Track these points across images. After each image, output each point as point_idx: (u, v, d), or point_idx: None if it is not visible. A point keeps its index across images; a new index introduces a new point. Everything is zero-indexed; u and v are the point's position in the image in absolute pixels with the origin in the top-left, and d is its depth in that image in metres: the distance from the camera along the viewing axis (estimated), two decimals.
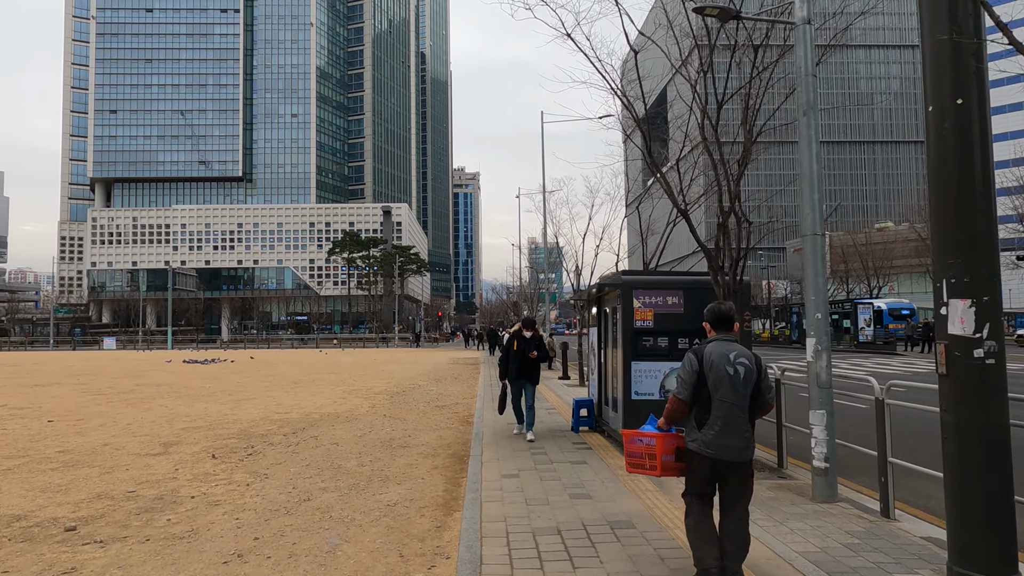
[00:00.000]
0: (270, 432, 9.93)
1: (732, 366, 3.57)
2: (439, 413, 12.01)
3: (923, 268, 54.64)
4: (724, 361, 3.57)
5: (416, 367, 26.30)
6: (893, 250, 62.05)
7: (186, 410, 12.66)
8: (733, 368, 3.56)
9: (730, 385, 3.54)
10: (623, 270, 7.82)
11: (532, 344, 8.82)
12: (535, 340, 8.89)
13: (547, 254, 29.47)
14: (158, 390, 16.74)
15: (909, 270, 63.92)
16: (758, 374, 3.62)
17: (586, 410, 9.56)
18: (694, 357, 3.66)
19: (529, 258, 39.56)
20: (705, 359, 3.61)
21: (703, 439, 3.55)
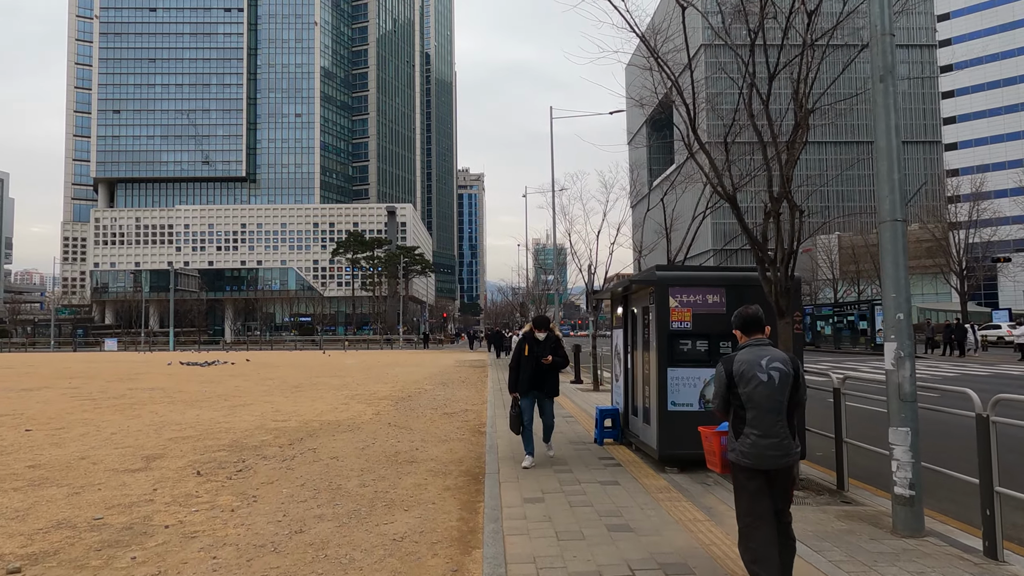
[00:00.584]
0: (264, 443, 9.10)
1: (765, 372, 3.47)
2: (448, 422, 11.16)
3: (937, 268, 53.56)
4: (756, 368, 3.48)
5: (421, 370, 25.48)
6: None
7: (177, 417, 11.85)
8: (767, 374, 3.47)
9: (765, 392, 3.44)
10: (658, 265, 6.96)
11: (547, 347, 7.29)
12: (551, 342, 7.34)
13: (556, 254, 28.62)
14: (151, 395, 15.95)
15: (922, 271, 62.80)
16: (795, 378, 3.53)
17: (610, 420, 8.69)
18: (722, 368, 3.61)
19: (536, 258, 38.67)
20: (735, 368, 3.53)
21: (740, 448, 3.49)
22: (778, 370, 3.48)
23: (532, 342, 7.29)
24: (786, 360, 3.55)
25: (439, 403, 13.89)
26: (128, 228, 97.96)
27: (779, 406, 3.46)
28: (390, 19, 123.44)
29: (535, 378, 7.24)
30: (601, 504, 5.62)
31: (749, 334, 3.68)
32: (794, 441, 3.52)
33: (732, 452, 3.55)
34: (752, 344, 3.62)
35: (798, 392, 3.55)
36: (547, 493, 6.01)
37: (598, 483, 6.41)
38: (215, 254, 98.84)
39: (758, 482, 3.47)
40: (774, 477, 3.49)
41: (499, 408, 12.79)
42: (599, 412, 8.69)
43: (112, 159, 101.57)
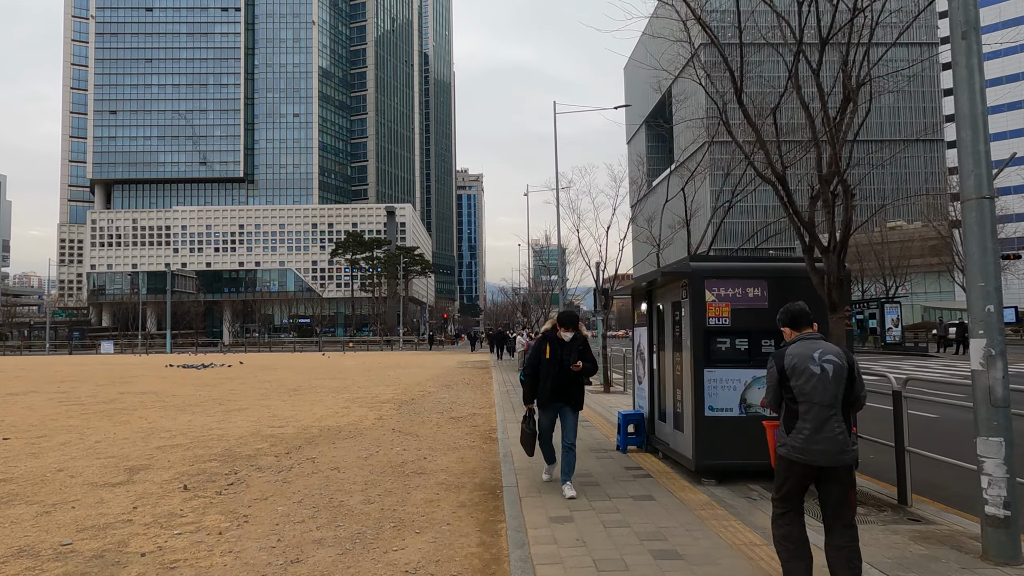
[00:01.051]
0: (259, 452, 8.42)
1: (818, 365, 3.40)
2: (456, 427, 10.48)
3: (942, 267, 52.93)
4: (808, 361, 3.42)
5: (423, 371, 24.80)
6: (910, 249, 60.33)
7: (167, 423, 11.16)
8: (819, 367, 3.40)
9: (818, 385, 3.38)
10: (692, 255, 6.29)
11: (574, 350, 5.92)
12: (578, 344, 5.97)
13: (560, 253, 27.95)
14: (142, 399, 15.26)
15: (927, 269, 62.24)
16: (849, 370, 3.44)
17: (634, 426, 8.02)
18: (772, 362, 3.55)
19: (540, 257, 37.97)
20: (786, 361, 3.47)
21: (792, 444, 3.41)
22: (831, 363, 3.40)
23: (555, 343, 5.96)
24: (840, 353, 3.47)
25: (445, 407, 13.22)
26: (125, 230, 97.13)
27: (833, 400, 3.37)
28: (388, 18, 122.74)
29: (558, 387, 5.93)
30: (639, 524, 4.95)
31: (798, 329, 3.61)
32: (850, 438, 3.40)
33: (783, 447, 3.46)
34: (803, 338, 3.55)
35: (854, 387, 3.45)
36: (576, 511, 5.34)
37: (630, 498, 5.74)
38: (213, 255, 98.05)
39: (801, 476, 3.41)
40: (830, 476, 3.38)
41: (508, 411, 12.14)
42: (622, 417, 8.02)
43: (109, 160, 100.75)
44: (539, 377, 5.98)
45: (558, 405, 6.04)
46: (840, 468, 3.36)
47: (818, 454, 3.33)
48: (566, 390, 5.98)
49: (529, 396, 6.08)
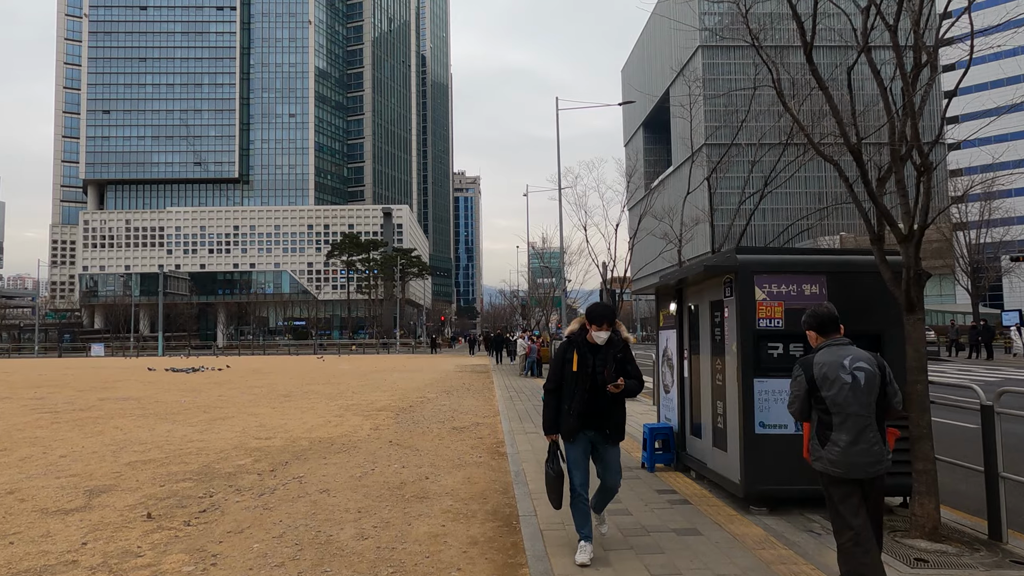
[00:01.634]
0: (240, 469, 7.52)
1: (849, 373, 3.28)
2: (459, 439, 9.59)
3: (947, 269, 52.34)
4: (839, 369, 3.28)
5: (421, 376, 23.89)
6: None
7: (143, 435, 10.24)
8: (851, 375, 3.27)
9: (851, 394, 3.25)
10: (738, 247, 5.40)
11: (610, 359, 4.29)
12: (616, 350, 4.34)
13: (562, 253, 27.11)
14: (123, 406, 14.32)
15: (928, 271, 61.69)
16: (882, 377, 3.33)
17: (661, 441, 7.15)
18: (799, 370, 3.40)
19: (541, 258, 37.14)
20: (816, 369, 3.32)
21: (828, 457, 3.27)
22: (863, 370, 3.29)
23: (584, 349, 4.32)
24: (870, 359, 3.34)
25: (445, 415, 12.33)
26: (118, 231, 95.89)
27: (867, 409, 3.25)
28: (385, 19, 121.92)
29: (591, 410, 4.25)
30: (692, 571, 4.07)
31: (826, 335, 3.47)
32: (884, 447, 3.31)
33: (819, 461, 3.34)
34: (831, 344, 3.41)
35: (887, 393, 3.34)
36: (611, 550, 4.46)
37: (672, 532, 4.86)
38: (207, 257, 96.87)
39: (848, 491, 3.26)
40: (866, 490, 3.28)
41: (515, 421, 11.26)
42: (648, 431, 7.14)
43: (102, 160, 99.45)
44: (563, 397, 4.32)
45: (591, 435, 4.32)
46: (875, 479, 3.27)
47: (855, 466, 3.21)
48: (602, 414, 4.27)
49: (551, 424, 4.37)
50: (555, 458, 4.40)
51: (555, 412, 4.39)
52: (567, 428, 4.33)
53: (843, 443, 3.23)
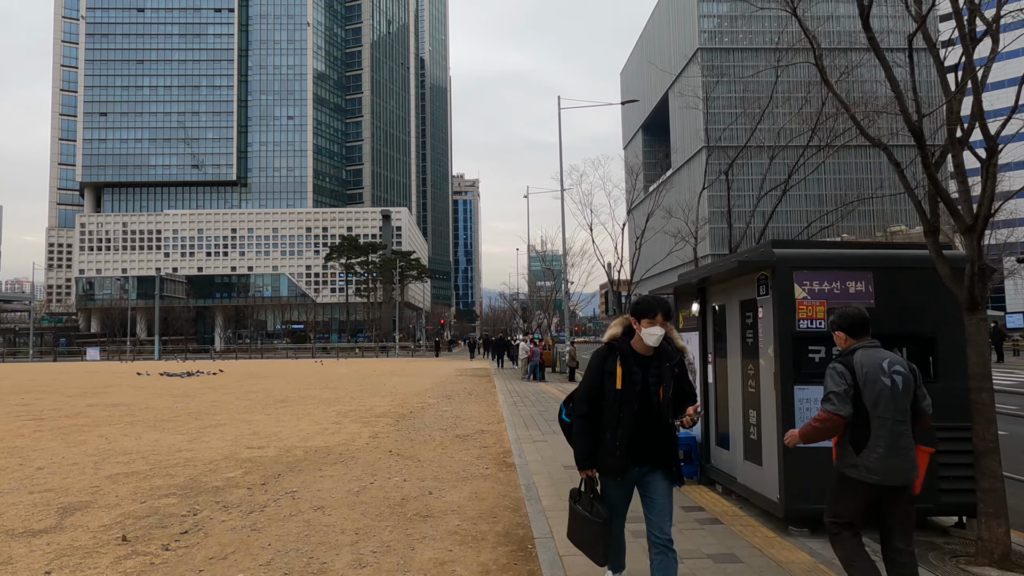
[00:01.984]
0: (230, 483, 6.99)
1: (888, 376, 3.16)
2: (463, 448, 9.07)
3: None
4: (879, 371, 3.16)
5: (421, 380, 23.36)
6: None
7: (130, 444, 9.70)
8: (890, 378, 3.16)
9: (890, 398, 3.14)
10: (773, 240, 4.90)
11: (665, 373, 3.30)
12: (671, 361, 3.35)
13: (564, 256, 26.62)
14: (111, 413, 13.77)
15: None
16: (915, 381, 3.24)
17: (683, 452, 6.62)
18: (844, 368, 3.21)
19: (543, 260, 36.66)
20: (858, 370, 3.17)
21: (865, 464, 3.14)
22: (900, 373, 3.20)
23: (630, 359, 3.31)
24: (904, 363, 3.26)
25: (448, 422, 11.80)
26: (115, 233, 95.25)
27: (903, 413, 3.18)
28: (384, 21, 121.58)
29: (641, 439, 3.28)
30: None
31: (857, 337, 3.34)
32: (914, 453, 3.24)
33: (854, 468, 3.21)
34: (864, 346, 3.29)
35: (918, 400, 3.25)
36: None
37: (708, 559, 4.33)
38: (205, 260, 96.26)
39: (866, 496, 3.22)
40: (896, 497, 3.20)
41: (520, 428, 10.74)
42: None
43: (99, 163, 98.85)
44: (602, 421, 3.31)
45: (641, 472, 3.31)
46: (907, 487, 3.19)
47: (893, 472, 3.12)
48: (656, 444, 3.28)
49: (586, 455, 3.35)
50: (590, 500, 3.35)
51: (592, 441, 3.36)
52: (613, 464, 3.27)
53: (881, 449, 3.12)
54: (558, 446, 8.94)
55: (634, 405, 3.25)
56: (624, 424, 3.26)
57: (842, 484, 3.27)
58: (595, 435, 3.36)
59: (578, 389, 3.48)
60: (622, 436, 3.26)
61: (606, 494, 3.40)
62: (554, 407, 14.00)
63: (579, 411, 3.42)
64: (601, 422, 3.34)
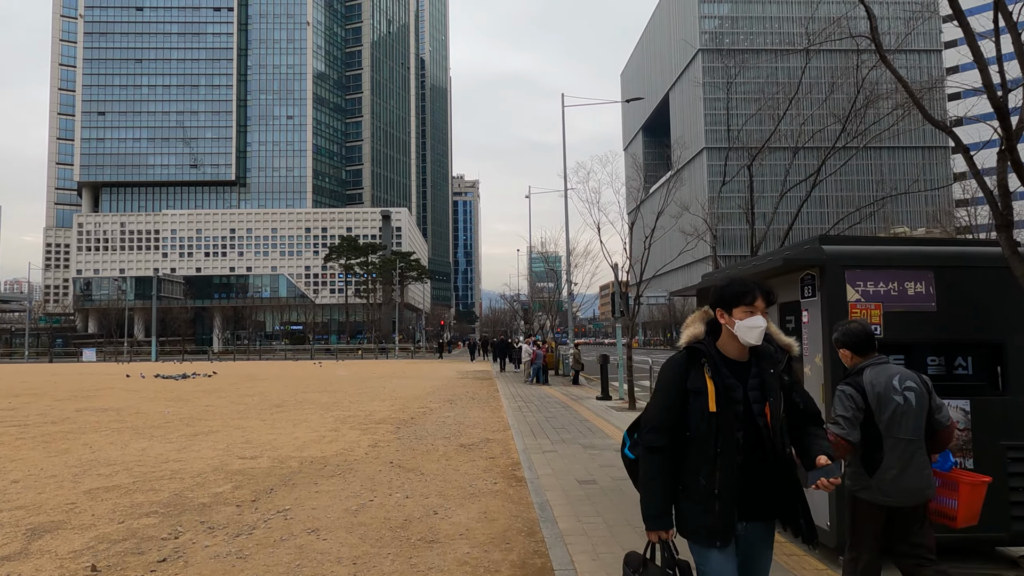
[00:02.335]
0: (218, 499, 6.45)
1: (900, 394, 3.04)
2: (468, 459, 8.53)
3: None
4: (890, 390, 3.05)
5: (422, 383, 22.82)
6: None
7: (115, 453, 9.16)
8: (902, 396, 3.04)
9: (903, 417, 3.02)
10: (821, 235, 4.38)
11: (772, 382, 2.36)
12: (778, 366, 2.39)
13: (568, 256, 26.08)
14: (99, 419, 13.23)
15: None
16: (929, 398, 3.09)
17: None
18: (853, 389, 3.11)
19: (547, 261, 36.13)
20: (868, 390, 3.07)
21: (878, 486, 3.03)
22: (912, 390, 3.07)
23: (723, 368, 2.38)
24: (916, 378, 3.12)
25: (451, 429, 11.26)
26: (113, 233, 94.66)
27: (917, 431, 3.04)
28: (384, 20, 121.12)
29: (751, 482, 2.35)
30: None
31: (863, 354, 3.21)
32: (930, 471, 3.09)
33: (865, 491, 3.08)
34: (874, 364, 3.14)
35: (933, 411, 3.09)
36: None
37: None
38: (203, 260, 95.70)
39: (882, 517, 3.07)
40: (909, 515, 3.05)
41: (528, 436, 10.21)
42: None
43: (97, 162, 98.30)
44: (687, 460, 2.38)
45: (751, 530, 2.39)
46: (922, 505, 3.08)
47: (907, 493, 3.02)
48: (770, 489, 2.37)
49: (662, 508, 2.39)
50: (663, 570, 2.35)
51: (671, 486, 2.38)
52: (712, 524, 2.29)
53: (895, 471, 3.00)
54: (569, 457, 8.42)
55: (738, 434, 2.31)
56: (726, 462, 2.28)
57: (856, 507, 3.15)
58: (675, 478, 2.38)
59: (646, 412, 2.48)
60: (724, 480, 2.28)
61: (700, 570, 2.34)
62: (559, 412, 13.49)
63: (652, 442, 2.38)
64: (686, 461, 2.37)
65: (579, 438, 10.05)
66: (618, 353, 17.81)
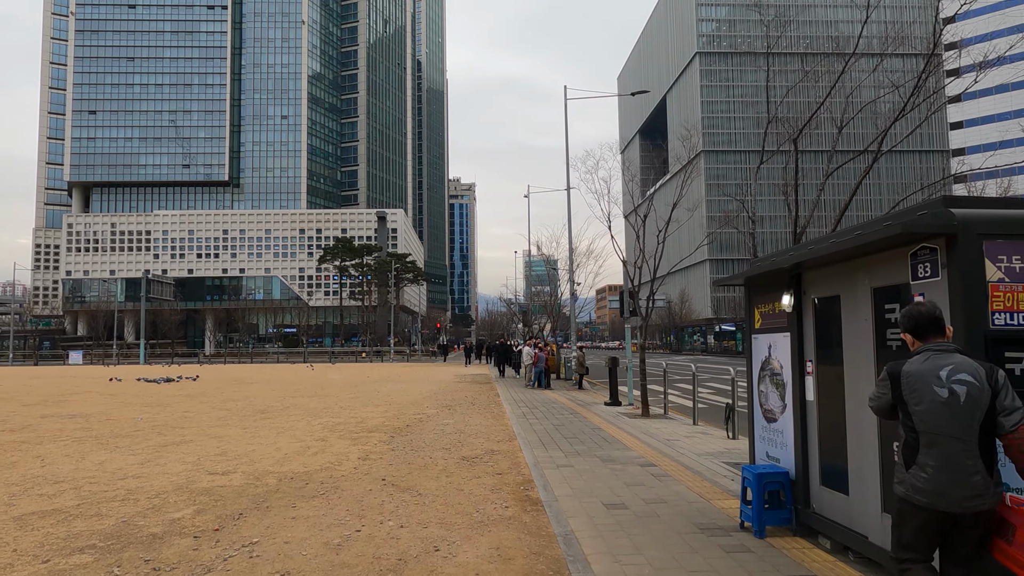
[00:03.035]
0: (173, 528, 5.34)
1: (945, 386, 2.73)
2: (472, 474, 7.44)
3: None
4: (932, 381, 2.76)
5: (418, 387, 21.71)
6: None
7: (67, 468, 8.03)
8: (947, 389, 2.72)
9: (944, 412, 2.71)
10: (945, 196, 3.29)
11: None
12: None
13: (571, 255, 25.05)
14: (64, 426, 12.07)
15: None
16: (992, 393, 2.70)
17: (769, 493, 5.01)
18: (886, 374, 2.94)
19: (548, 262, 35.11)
20: (903, 380, 2.84)
21: (912, 482, 2.79)
22: (964, 383, 2.71)
23: None
24: (977, 371, 2.74)
25: (451, 438, 10.16)
26: (103, 234, 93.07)
27: (966, 431, 2.69)
28: (380, 20, 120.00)
29: None
30: None
31: (923, 339, 2.90)
32: (991, 478, 2.71)
33: (900, 485, 2.86)
34: (929, 350, 2.84)
35: (999, 411, 2.69)
36: None
37: None
38: (195, 261, 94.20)
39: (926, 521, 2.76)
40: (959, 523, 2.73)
41: (537, 447, 9.13)
42: (753, 476, 5.01)
43: (87, 162, 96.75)
44: None
45: None
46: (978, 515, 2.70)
47: (945, 497, 2.68)
48: None
49: None
50: None
51: None
52: None
53: (931, 469, 2.73)
54: (588, 473, 7.34)
55: None
56: None
57: (898, 505, 2.93)
58: None
59: None
60: None
61: None
62: (567, 419, 12.42)
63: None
64: None
65: (595, 449, 8.98)
66: (627, 356, 16.77)
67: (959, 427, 2.71)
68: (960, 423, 2.71)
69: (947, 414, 2.72)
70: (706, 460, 8.14)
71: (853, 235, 4.08)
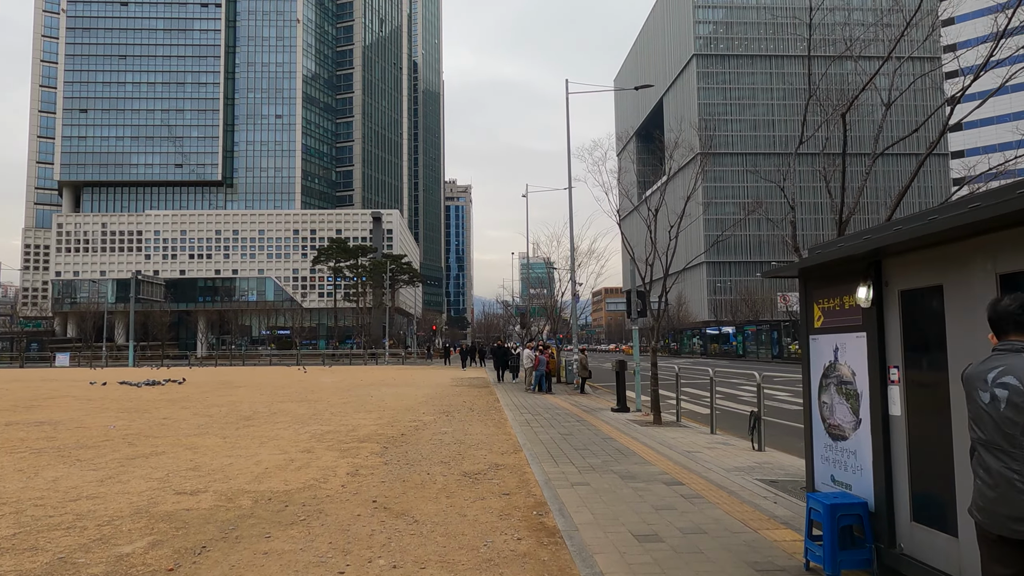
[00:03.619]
0: (118, 567, 4.42)
1: (988, 390, 2.42)
2: (475, 494, 6.52)
3: None
4: (978, 383, 2.47)
5: (414, 391, 20.77)
6: None
7: (15, 486, 7.08)
8: (989, 393, 2.41)
9: (986, 418, 2.41)
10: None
11: None
12: None
13: (573, 255, 24.19)
14: (27, 435, 11.10)
15: None
16: None
17: (843, 526, 4.12)
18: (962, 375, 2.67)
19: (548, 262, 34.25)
20: (963, 383, 2.60)
21: (975, 500, 2.49)
22: (1007, 387, 2.36)
23: None
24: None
25: (450, 449, 9.25)
26: (94, 234, 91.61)
27: (1009, 440, 2.33)
28: (376, 19, 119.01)
29: None
30: None
31: (1001, 336, 2.51)
32: None
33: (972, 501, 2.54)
34: (996, 350, 2.49)
35: None
36: None
37: None
38: (188, 262, 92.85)
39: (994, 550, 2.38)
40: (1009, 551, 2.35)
41: (546, 461, 8.23)
42: (824, 508, 4.11)
43: (78, 161, 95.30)
44: None
45: None
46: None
47: (994, 518, 2.36)
48: None
49: None
50: None
51: None
52: None
53: (980, 482, 2.43)
54: (608, 493, 6.44)
55: None
56: None
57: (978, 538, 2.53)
58: None
59: None
60: None
61: None
62: (575, 427, 11.52)
63: None
64: None
65: (611, 464, 8.08)
66: (635, 359, 15.92)
67: (1001, 436, 2.39)
68: (1001, 432, 2.38)
69: (990, 421, 2.43)
70: (737, 477, 7.26)
71: (968, 208, 3.20)
